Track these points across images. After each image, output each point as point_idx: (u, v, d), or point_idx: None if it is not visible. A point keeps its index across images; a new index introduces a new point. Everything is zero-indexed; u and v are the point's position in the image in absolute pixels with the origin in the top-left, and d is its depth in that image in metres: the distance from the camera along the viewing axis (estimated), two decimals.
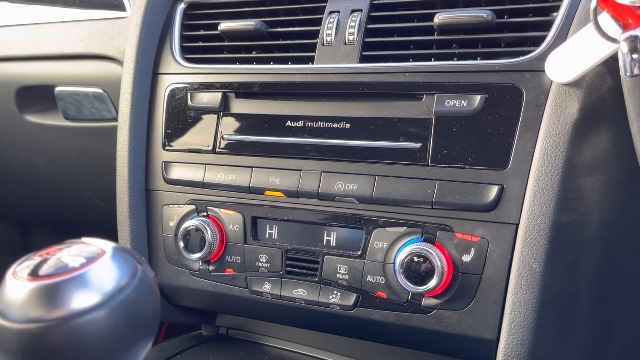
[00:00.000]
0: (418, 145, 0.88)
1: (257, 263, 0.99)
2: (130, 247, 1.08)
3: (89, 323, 0.52)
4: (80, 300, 0.52)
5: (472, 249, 0.85)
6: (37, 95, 1.51)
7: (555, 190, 0.80)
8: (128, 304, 0.54)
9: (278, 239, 0.98)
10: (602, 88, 0.81)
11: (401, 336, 0.91)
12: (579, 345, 0.93)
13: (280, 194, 0.97)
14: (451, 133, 0.86)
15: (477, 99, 0.85)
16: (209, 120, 1.04)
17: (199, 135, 1.04)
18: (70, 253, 0.55)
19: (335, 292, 0.94)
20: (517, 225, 0.83)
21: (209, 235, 0.99)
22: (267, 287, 0.98)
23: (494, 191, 0.83)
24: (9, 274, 0.54)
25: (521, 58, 0.85)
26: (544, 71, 0.82)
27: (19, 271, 0.54)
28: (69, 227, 2.32)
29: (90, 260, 0.54)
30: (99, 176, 1.62)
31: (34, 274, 0.53)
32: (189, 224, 1.01)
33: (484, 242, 0.84)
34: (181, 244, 1.01)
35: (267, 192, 0.98)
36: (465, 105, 0.86)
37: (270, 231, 0.99)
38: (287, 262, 0.97)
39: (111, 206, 1.83)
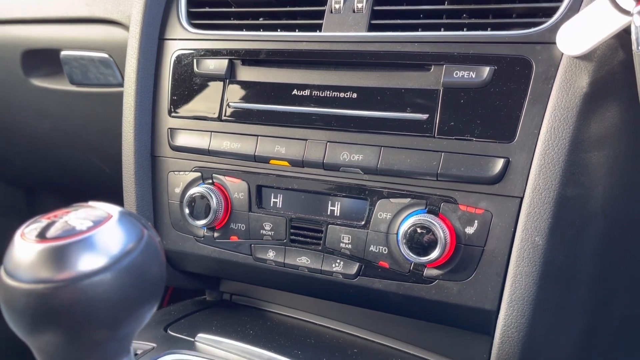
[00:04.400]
0: (425, 116, 0.88)
1: (261, 231, 1.00)
2: (136, 213, 1.08)
3: (96, 285, 0.52)
4: (88, 262, 0.52)
5: (476, 221, 0.85)
6: (43, 59, 1.50)
7: (562, 164, 0.80)
8: (134, 268, 0.55)
9: (282, 208, 0.99)
10: (613, 62, 0.80)
11: (403, 305, 0.92)
12: (578, 318, 0.94)
13: (286, 163, 0.97)
14: (458, 105, 0.86)
15: (486, 71, 0.84)
16: (215, 87, 1.03)
17: (205, 102, 1.04)
18: (78, 216, 0.56)
19: (338, 260, 0.95)
20: (522, 198, 0.83)
21: (214, 203, 1.00)
22: (271, 255, 0.99)
23: (499, 164, 0.83)
24: (17, 236, 0.55)
25: (532, 29, 0.83)
26: (554, 43, 0.81)
27: (27, 233, 0.55)
28: (74, 191, 2.34)
29: (98, 223, 0.55)
30: (105, 141, 1.62)
31: (42, 235, 0.53)
32: (194, 191, 1.02)
33: (487, 214, 0.84)
34: (186, 211, 1.02)
35: (272, 161, 0.98)
36: (473, 76, 0.85)
37: (275, 200, 0.99)
38: (292, 230, 0.98)
39: (117, 171, 1.83)
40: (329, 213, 0.95)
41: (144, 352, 0.94)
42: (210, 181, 1.04)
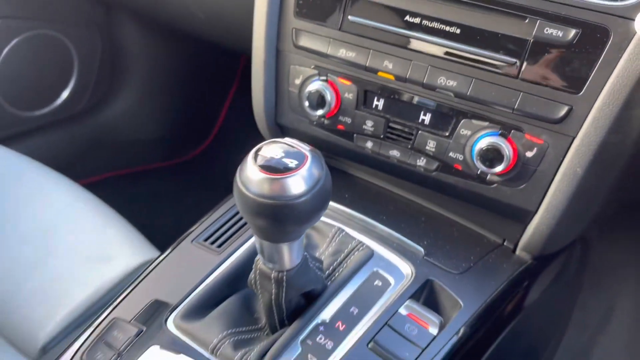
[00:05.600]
0: (513, 60, 1.08)
1: (363, 126, 1.27)
2: (263, 98, 1.35)
3: (297, 204, 0.83)
4: (294, 189, 0.82)
5: (535, 148, 1.11)
6: None
7: (612, 118, 1.04)
8: (321, 190, 0.85)
9: (383, 111, 1.24)
10: None
11: (465, 195, 1.23)
12: (587, 219, 1.27)
13: (391, 76, 1.20)
14: (542, 56, 1.06)
15: (572, 32, 1.03)
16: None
17: (328, 11, 1.22)
18: (286, 155, 0.84)
19: (422, 158, 1.24)
20: (574, 138, 1.08)
21: (328, 97, 1.25)
22: (369, 145, 1.28)
23: (564, 110, 1.07)
24: (249, 162, 0.83)
25: (618, 3, 0.99)
26: (633, 20, 0.99)
27: (253, 160, 0.84)
28: (155, 20, 2.51)
29: (301, 163, 0.83)
30: None
31: (267, 168, 0.83)
32: (312, 86, 1.26)
33: (545, 145, 1.11)
34: (306, 103, 1.28)
35: (379, 73, 1.21)
36: (560, 35, 1.04)
37: (377, 103, 1.24)
38: (388, 129, 1.25)
39: (210, 19, 2.02)
40: (419, 121, 1.22)
41: None
42: (325, 79, 1.28)
